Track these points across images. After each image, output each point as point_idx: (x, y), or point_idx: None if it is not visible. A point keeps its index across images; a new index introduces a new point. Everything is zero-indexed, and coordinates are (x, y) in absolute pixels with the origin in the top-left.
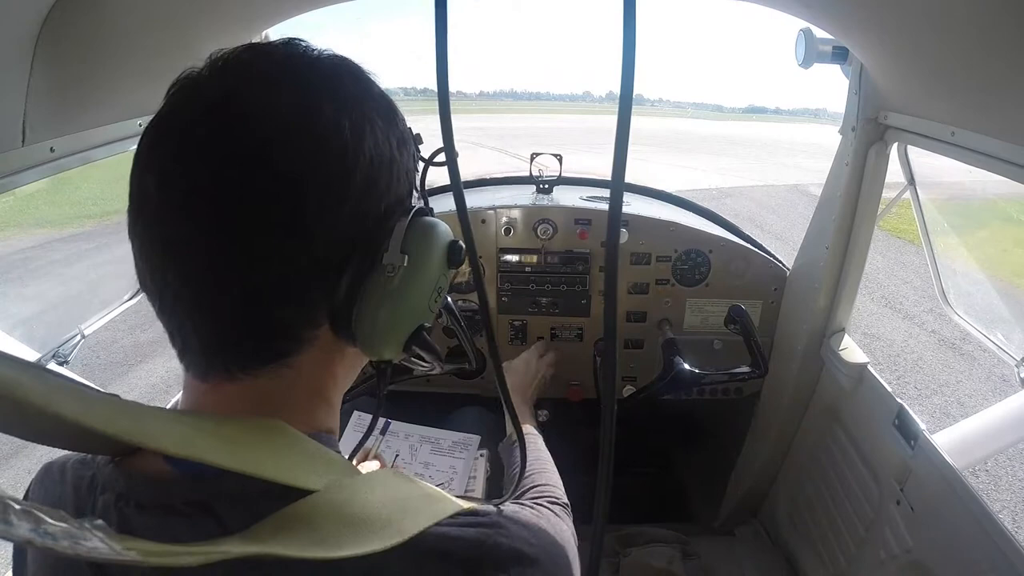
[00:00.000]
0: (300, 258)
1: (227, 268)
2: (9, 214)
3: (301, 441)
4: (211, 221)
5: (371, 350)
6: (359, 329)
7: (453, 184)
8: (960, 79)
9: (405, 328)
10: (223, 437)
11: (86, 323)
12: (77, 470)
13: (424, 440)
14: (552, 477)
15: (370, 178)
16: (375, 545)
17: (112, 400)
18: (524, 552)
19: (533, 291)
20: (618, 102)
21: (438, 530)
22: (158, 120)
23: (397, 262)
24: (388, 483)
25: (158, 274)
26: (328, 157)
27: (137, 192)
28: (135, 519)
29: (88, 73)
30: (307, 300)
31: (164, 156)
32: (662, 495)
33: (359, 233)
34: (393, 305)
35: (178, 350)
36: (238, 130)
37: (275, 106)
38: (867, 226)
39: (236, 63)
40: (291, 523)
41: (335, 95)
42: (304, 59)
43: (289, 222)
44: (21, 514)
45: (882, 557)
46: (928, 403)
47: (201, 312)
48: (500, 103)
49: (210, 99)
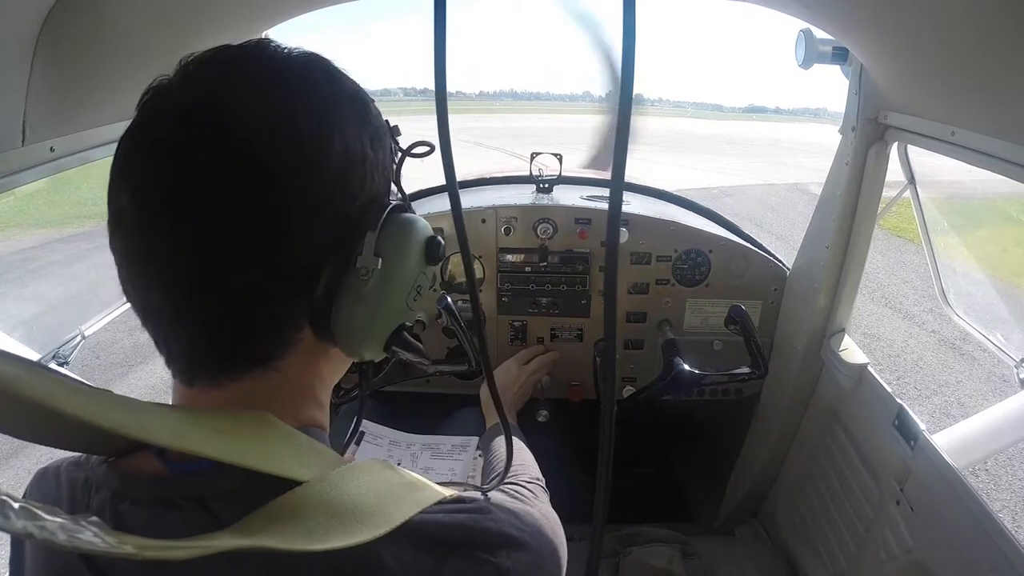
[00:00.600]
0: (276, 262)
1: (206, 276)
2: (9, 214)
3: (290, 434)
4: (187, 229)
5: (351, 351)
6: (338, 331)
7: (448, 184)
8: (960, 79)
9: (384, 329)
10: (215, 429)
11: (86, 324)
12: (71, 472)
13: (425, 447)
14: (527, 458)
15: (343, 178)
16: (362, 536)
17: (106, 395)
18: (512, 535)
19: (533, 291)
20: (618, 102)
21: (425, 517)
22: (131, 130)
23: (370, 264)
24: (373, 473)
25: (140, 284)
26: (301, 159)
27: (115, 204)
28: (129, 515)
29: (88, 73)
30: (287, 303)
31: (138, 166)
32: (662, 495)
33: (334, 234)
34: (369, 307)
35: (164, 357)
36: (212, 136)
37: (249, 109)
38: (867, 226)
39: (208, 67)
40: (280, 515)
41: (307, 96)
42: (275, 60)
43: (265, 226)
44: (19, 511)
45: (882, 557)
46: (928, 403)
47: (183, 320)
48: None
49: (183, 105)
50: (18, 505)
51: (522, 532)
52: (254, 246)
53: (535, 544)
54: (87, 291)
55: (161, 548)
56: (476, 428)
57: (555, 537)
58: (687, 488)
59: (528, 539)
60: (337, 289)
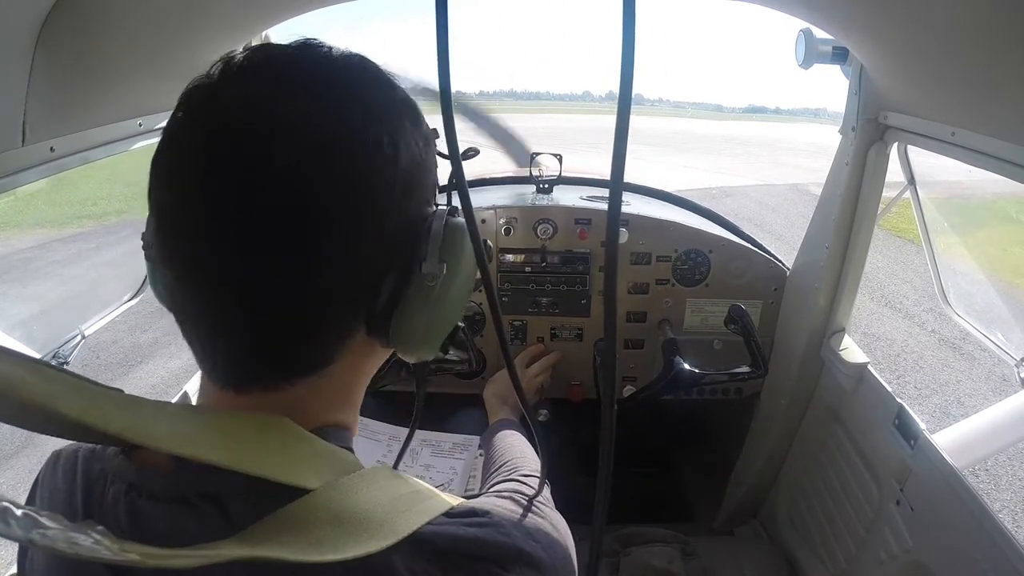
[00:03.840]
0: (337, 276)
1: (259, 292)
2: (9, 214)
3: (304, 438)
4: (238, 244)
5: (410, 354)
6: (397, 335)
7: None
8: (960, 79)
9: (445, 331)
10: (224, 434)
11: (86, 324)
12: (87, 460)
13: (425, 443)
14: (528, 452)
15: (407, 187)
16: (371, 546)
17: (114, 396)
18: (525, 550)
19: (533, 291)
20: (618, 102)
21: (436, 528)
22: (175, 133)
23: (437, 271)
24: (380, 481)
25: (178, 290)
26: (363, 171)
27: (157, 211)
28: (146, 509)
29: (88, 73)
30: (345, 317)
31: (185, 174)
32: (662, 495)
33: (396, 244)
34: (433, 312)
35: (207, 368)
36: (264, 147)
37: (303, 119)
38: (867, 226)
39: (255, 68)
40: (287, 524)
41: (365, 104)
42: (326, 63)
43: (323, 242)
44: (21, 518)
45: (882, 557)
46: (928, 403)
47: (227, 334)
48: (500, 103)
49: (231, 111)
50: (20, 512)
51: (536, 548)
52: (308, 265)
53: (548, 560)
54: (87, 291)
55: (166, 556)
56: (476, 428)
57: (567, 551)
58: (687, 488)
59: (543, 555)
60: (400, 297)
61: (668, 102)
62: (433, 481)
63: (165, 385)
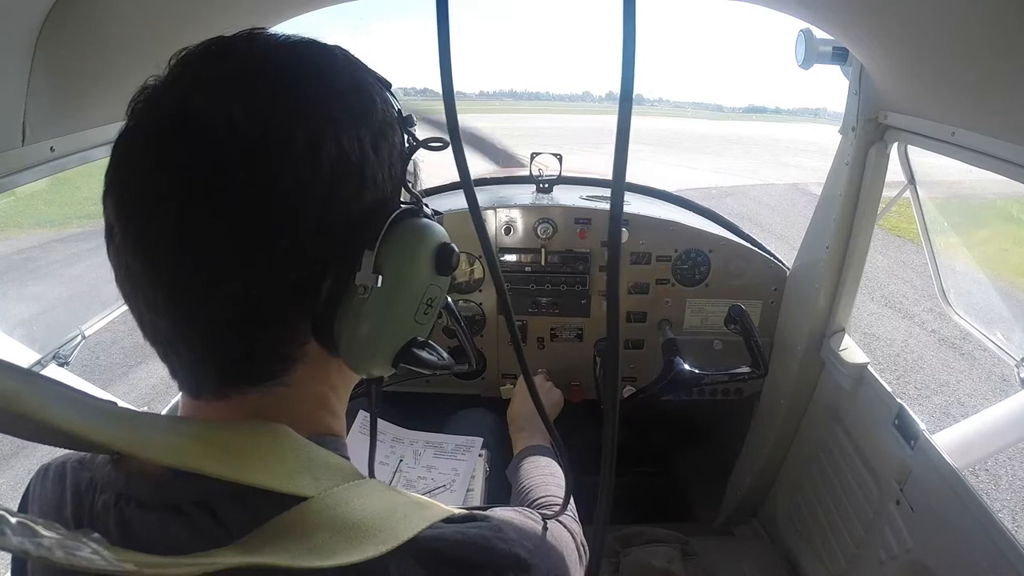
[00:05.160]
0: (264, 281)
1: (189, 300)
2: (9, 214)
3: (301, 446)
4: (166, 251)
5: (356, 368)
6: (341, 347)
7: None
8: (960, 79)
9: (390, 346)
10: (218, 444)
11: (87, 324)
12: (76, 471)
13: (428, 445)
14: (546, 476)
15: (332, 188)
16: (369, 552)
17: (107, 408)
18: (521, 557)
19: (533, 291)
20: (618, 102)
21: (434, 532)
22: (118, 141)
23: (368, 282)
24: (379, 491)
25: (132, 302)
26: (286, 168)
27: (105, 218)
28: (136, 519)
29: (88, 73)
30: (284, 322)
31: (120, 182)
32: (662, 495)
33: (329, 247)
34: (372, 324)
35: (169, 371)
36: (190, 151)
37: (226, 119)
38: (867, 226)
39: (193, 66)
40: (285, 531)
41: (287, 99)
42: (259, 55)
43: (248, 245)
44: (16, 527)
45: (882, 557)
46: (928, 403)
47: (180, 341)
48: (500, 103)
49: (164, 115)
50: (15, 520)
51: (531, 554)
52: (235, 268)
53: (543, 567)
54: (87, 291)
55: (162, 565)
56: (476, 428)
57: (567, 561)
58: (687, 488)
59: (538, 563)
60: (337, 305)
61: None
62: (435, 482)
63: (165, 385)
